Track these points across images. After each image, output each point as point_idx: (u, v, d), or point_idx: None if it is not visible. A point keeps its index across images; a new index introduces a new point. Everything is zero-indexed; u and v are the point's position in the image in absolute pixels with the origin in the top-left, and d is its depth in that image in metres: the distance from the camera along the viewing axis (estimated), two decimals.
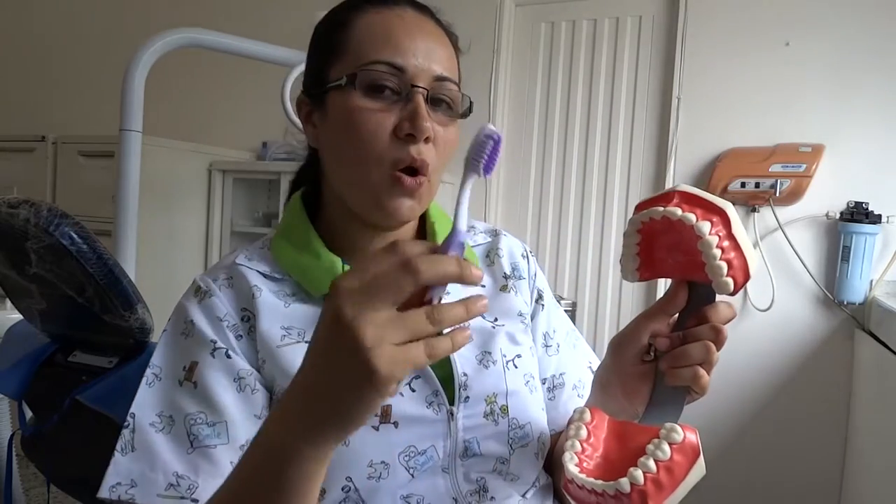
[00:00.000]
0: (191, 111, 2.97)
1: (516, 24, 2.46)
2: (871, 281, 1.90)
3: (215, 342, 0.66)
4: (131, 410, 0.65)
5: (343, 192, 0.70)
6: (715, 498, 2.12)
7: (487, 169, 0.48)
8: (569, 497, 0.56)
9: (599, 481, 0.53)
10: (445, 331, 0.44)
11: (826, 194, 1.96)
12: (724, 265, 0.54)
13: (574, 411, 0.61)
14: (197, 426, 0.63)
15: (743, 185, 2.00)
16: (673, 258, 0.59)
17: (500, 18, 2.40)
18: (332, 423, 0.45)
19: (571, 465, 0.55)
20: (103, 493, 0.61)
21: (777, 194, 1.96)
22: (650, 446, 0.53)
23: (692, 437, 0.54)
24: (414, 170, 0.66)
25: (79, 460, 1.10)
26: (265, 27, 2.61)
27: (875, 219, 1.87)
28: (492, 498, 0.68)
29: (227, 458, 0.63)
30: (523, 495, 0.71)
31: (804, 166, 1.94)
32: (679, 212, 0.55)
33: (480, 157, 0.47)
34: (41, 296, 1.07)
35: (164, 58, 1.74)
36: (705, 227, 0.54)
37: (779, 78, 2.03)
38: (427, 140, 0.66)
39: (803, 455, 2.02)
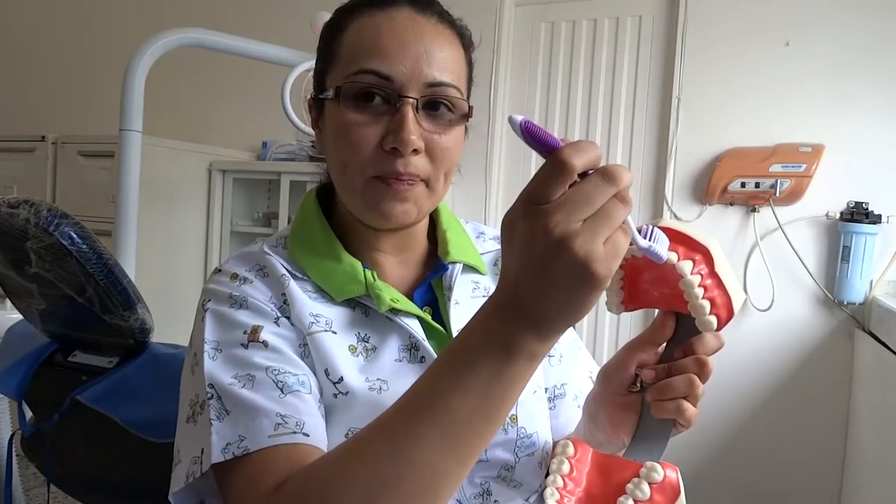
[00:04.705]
0: (191, 111, 2.97)
1: (516, 24, 2.46)
2: (871, 281, 1.90)
3: (275, 313, 0.65)
4: (206, 382, 0.61)
5: (342, 198, 0.71)
6: (715, 498, 2.12)
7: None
8: None
9: None
10: None
11: (826, 194, 1.96)
12: (706, 304, 0.54)
13: (557, 444, 0.61)
14: (282, 374, 0.61)
15: (743, 185, 2.00)
16: (658, 290, 0.59)
17: (500, 18, 2.40)
18: (561, 320, 0.46)
19: (552, 501, 0.55)
20: (216, 457, 0.56)
21: (777, 194, 1.96)
22: (630, 486, 0.53)
23: (672, 476, 0.53)
24: (400, 179, 0.65)
25: (79, 460, 1.10)
26: (265, 27, 2.61)
27: (875, 219, 1.87)
28: (495, 501, 0.68)
29: (315, 405, 0.61)
30: (526, 500, 0.71)
31: (804, 166, 1.94)
32: None
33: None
34: (41, 296, 1.07)
35: (164, 58, 1.74)
36: (687, 266, 0.54)
37: (779, 78, 2.03)
38: (416, 152, 0.64)
39: (803, 455, 2.02)
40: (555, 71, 2.39)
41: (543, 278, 0.44)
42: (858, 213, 1.88)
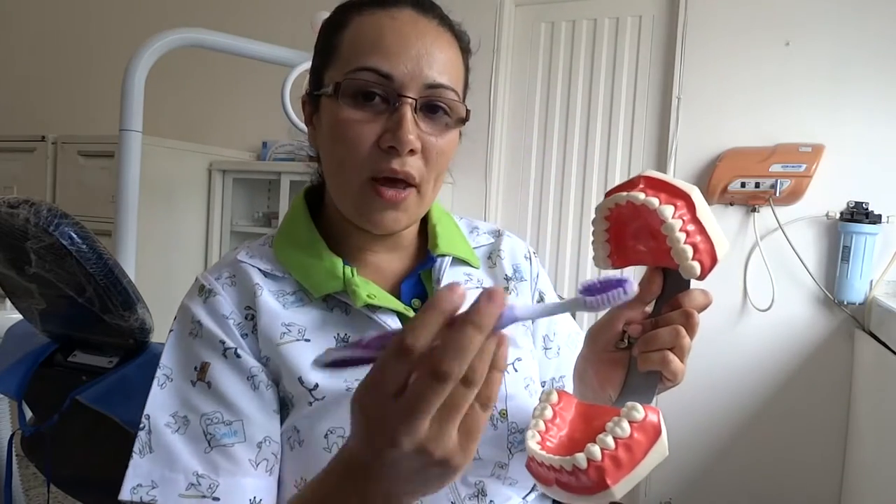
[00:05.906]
0: (191, 111, 2.97)
1: (516, 24, 2.46)
2: (871, 281, 1.90)
3: (224, 342, 0.65)
4: (145, 412, 0.64)
5: (333, 197, 0.70)
6: (715, 497, 2.12)
7: (597, 303, 0.44)
8: (531, 475, 0.56)
9: (557, 457, 0.52)
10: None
11: (826, 194, 1.96)
12: (689, 249, 0.54)
13: (542, 392, 0.61)
14: (213, 425, 0.63)
15: (743, 185, 2.00)
16: (644, 244, 0.59)
17: (500, 18, 2.40)
18: (416, 498, 0.47)
19: (532, 443, 0.54)
20: (125, 495, 0.60)
21: (777, 194, 1.96)
22: (610, 424, 0.52)
23: (653, 417, 0.53)
24: (395, 180, 0.65)
25: (79, 460, 1.10)
26: (265, 27, 2.61)
27: (875, 219, 1.87)
28: (490, 501, 0.68)
29: (245, 456, 0.63)
30: (524, 498, 0.71)
31: (804, 166, 1.94)
32: (642, 196, 0.55)
33: (600, 294, 0.44)
34: (41, 296, 1.07)
35: (164, 58, 1.74)
36: (668, 210, 0.54)
37: (779, 78, 2.03)
38: (412, 152, 0.64)
39: (803, 455, 2.02)
40: (555, 71, 2.39)
41: (403, 479, 0.44)
42: (858, 213, 1.89)
